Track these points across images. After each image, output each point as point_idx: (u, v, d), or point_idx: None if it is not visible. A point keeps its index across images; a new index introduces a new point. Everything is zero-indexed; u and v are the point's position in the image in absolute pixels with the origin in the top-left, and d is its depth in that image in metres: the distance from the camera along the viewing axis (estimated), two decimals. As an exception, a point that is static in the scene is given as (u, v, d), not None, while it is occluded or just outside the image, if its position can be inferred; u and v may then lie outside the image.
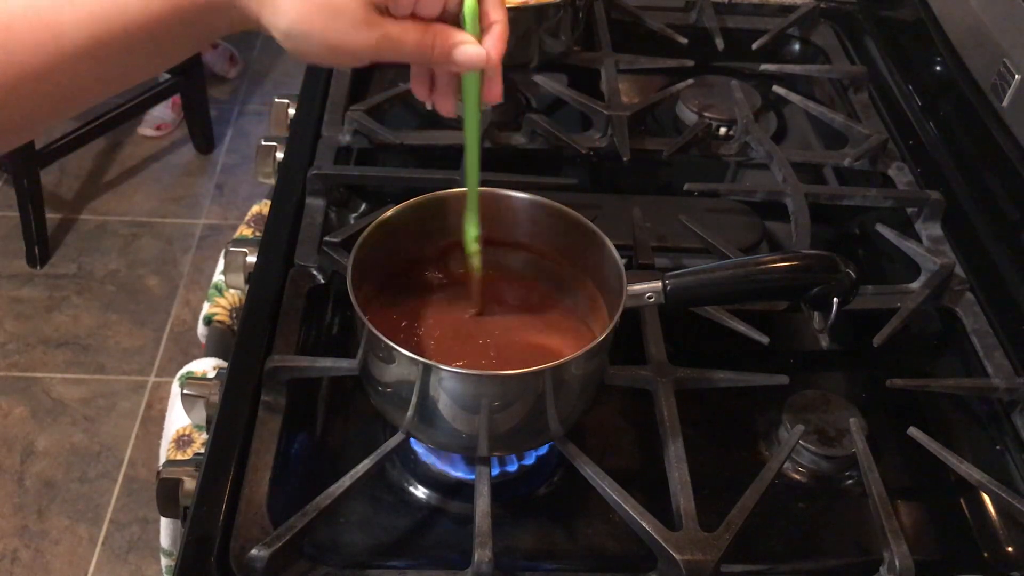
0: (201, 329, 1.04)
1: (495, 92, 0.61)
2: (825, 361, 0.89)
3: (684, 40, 1.22)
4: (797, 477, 0.78)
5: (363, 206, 1.00)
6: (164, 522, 0.97)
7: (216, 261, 1.05)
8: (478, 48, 0.57)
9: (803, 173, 1.01)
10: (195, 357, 0.97)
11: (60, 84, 0.50)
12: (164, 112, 2.64)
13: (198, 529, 0.68)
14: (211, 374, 0.89)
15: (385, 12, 0.55)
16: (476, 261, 0.73)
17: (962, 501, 0.77)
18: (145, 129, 2.65)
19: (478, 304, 0.75)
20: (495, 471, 0.73)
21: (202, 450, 0.75)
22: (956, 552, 0.75)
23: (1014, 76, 0.97)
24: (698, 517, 0.68)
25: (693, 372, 0.79)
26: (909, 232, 0.98)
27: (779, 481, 0.75)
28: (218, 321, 1.02)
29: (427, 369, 0.64)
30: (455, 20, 0.59)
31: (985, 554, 0.74)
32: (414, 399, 0.67)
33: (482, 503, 0.68)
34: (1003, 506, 0.73)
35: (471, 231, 0.71)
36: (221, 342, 1.00)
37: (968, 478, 0.73)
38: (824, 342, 0.85)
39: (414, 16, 0.57)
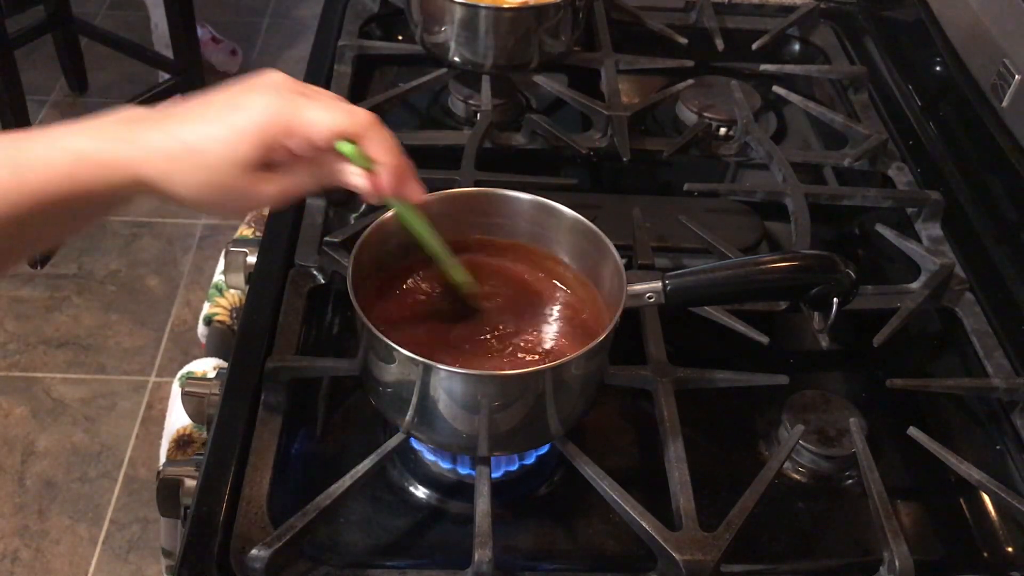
0: (201, 329, 1.04)
1: (414, 196, 0.62)
2: (825, 361, 0.89)
3: (684, 40, 1.22)
4: (797, 477, 0.78)
5: (363, 206, 1.00)
6: (164, 522, 0.97)
7: (216, 261, 1.05)
8: (361, 180, 0.59)
9: (803, 173, 1.01)
10: (195, 357, 0.96)
11: None
12: None
13: (198, 529, 0.68)
14: (211, 374, 0.89)
15: (271, 165, 0.56)
16: (478, 301, 0.74)
17: (962, 501, 0.77)
18: None
19: (478, 304, 0.75)
20: (495, 471, 0.73)
21: (202, 450, 0.75)
22: (956, 552, 0.75)
23: (1014, 76, 0.97)
24: (698, 517, 0.68)
25: (693, 372, 0.79)
26: (909, 232, 0.98)
27: (779, 481, 0.75)
28: (218, 321, 1.02)
29: (427, 369, 0.64)
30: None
31: (985, 554, 0.74)
32: (414, 399, 0.67)
33: (482, 503, 0.68)
34: (1003, 506, 0.74)
35: (459, 277, 0.72)
36: (221, 342, 1.00)
37: (968, 478, 0.73)
38: (824, 342, 0.85)
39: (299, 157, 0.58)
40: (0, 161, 0.52)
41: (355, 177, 0.58)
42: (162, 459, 0.90)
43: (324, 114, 0.55)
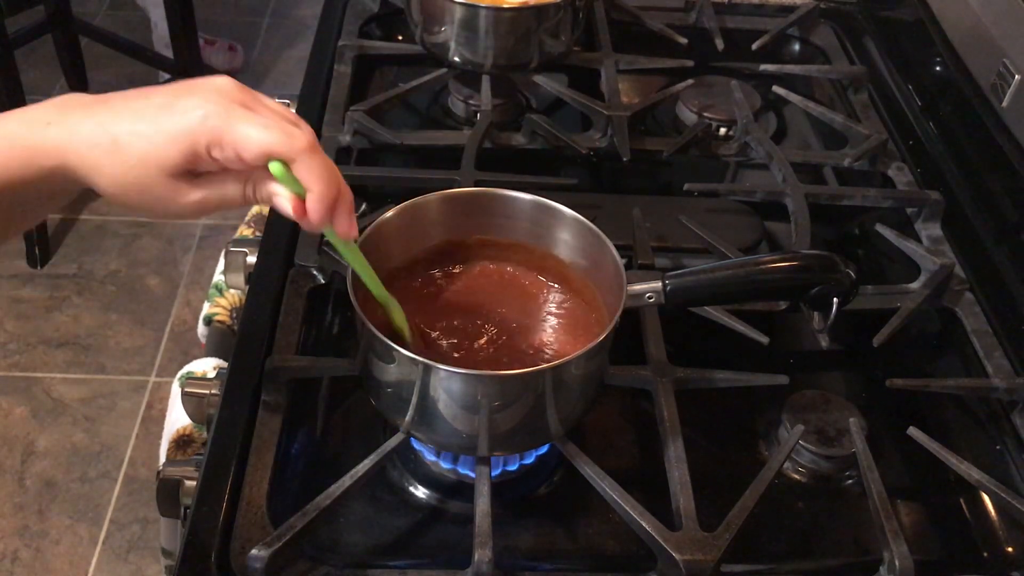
0: (201, 329, 1.04)
1: (342, 230, 0.59)
2: (825, 361, 0.89)
3: (684, 40, 1.22)
4: (797, 477, 0.78)
5: (363, 206, 1.00)
6: (164, 522, 0.97)
7: (216, 261, 1.05)
8: (287, 204, 0.56)
9: (803, 173, 1.01)
10: (195, 357, 0.97)
11: None
12: None
13: (198, 529, 0.68)
14: (211, 374, 0.89)
15: (197, 173, 0.55)
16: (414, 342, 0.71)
17: (962, 501, 0.77)
18: None
19: (478, 304, 0.75)
20: (495, 471, 0.73)
21: (202, 450, 0.75)
22: (956, 552, 0.75)
23: (1014, 76, 0.97)
24: (698, 517, 0.68)
25: (693, 372, 0.79)
26: (909, 232, 0.98)
27: (779, 481, 0.75)
28: (218, 321, 1.02)
29: (427, 369, 0.64)
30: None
31: (985, 554, 0.74)
32: (414, 399, 0.67)
33: (482, 503, 0.68)
34: (1003, 506, 0.74)
35: (396, 320, 0.69)
36: (221, 342, 1.00)
37: (968, 478, 0.73)
38: (824, 342, 0.85)
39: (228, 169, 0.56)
40: None
41: (282, 200, 0.56)
42: (162, 459, 0.90)
43: (258, 131, 0.53)
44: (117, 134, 0.53)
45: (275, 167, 0.54)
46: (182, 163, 0.53)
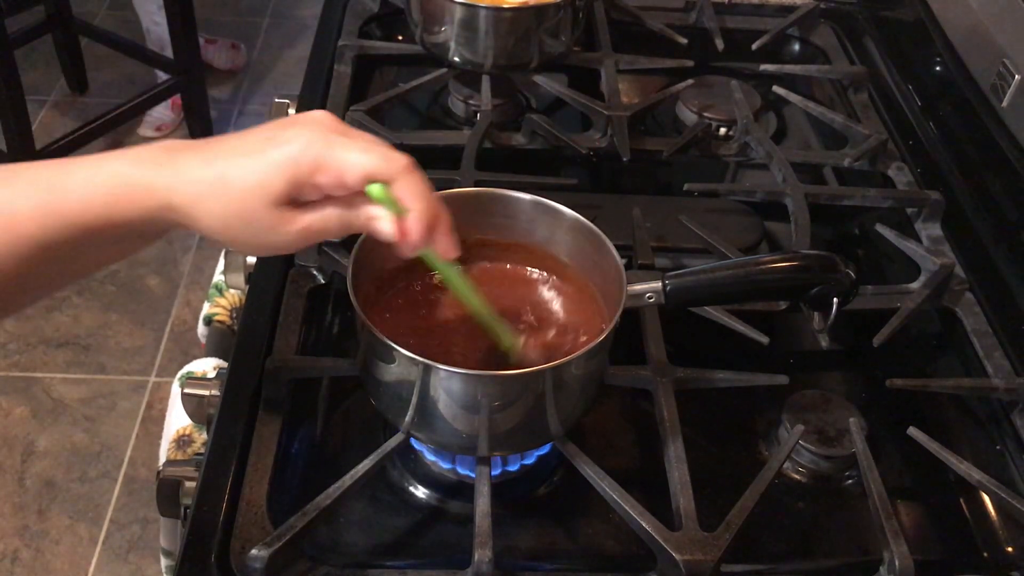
0: (201, 329, 1.04)
1: (442, 250, 0.60)
2: (825, 361, 0.89)
3: (684, 40, 1.22)
4: (797, 477, 0.78)
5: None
6: (164, 522, 0.97)
7: (216, 261, 1.05)
8: (388, 226, 0.57)
9: (803, 173, 1.01)
10: (195, 357, 0.97)
11: (17, 273, 0.54)
12: (164, 113, 2.63)
13: (198, 529, 0.68)
14: (211, 374, 0.89)
15: (300, 203, 0.56)
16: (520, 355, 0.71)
17: (962, 501, 0.77)
18: (146, 130, 2.64)
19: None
20: (495, 471, 0.73)
21: (202, 450, 0.75)
22: (956, 552, 0.75)
23: (1014, 76, 0.97)
24: (698, 517, 0.68)
25: (693, 372, 0.79)
26: (909, 232, 0.98)
27: (779, 481, 0.75)
28: (218, 321, 1.02)
29: (427, 369, 0.64)
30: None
31: (985, 554, 0.74)
32: (414, 399, 0.67)
33: (482, 503, 0.68)
34: (1003, 506, 0.74)
35: (504, 340, 0.70)
36: (221, 342, 1.00)
37: (968, 478, 0.73)
38: (824, 342, 0.85)
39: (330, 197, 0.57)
40: (43, 185, 0.54)
41: (384, 222, 0.57)
42: (162, 459, 0.90)
43: (359, 155, 0.54)
44: (224, 169, 0.54)
45: (375, 188, 0.55)
46: (286, 191, 0.54)
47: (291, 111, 1.08)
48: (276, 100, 1.10)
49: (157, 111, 2.62)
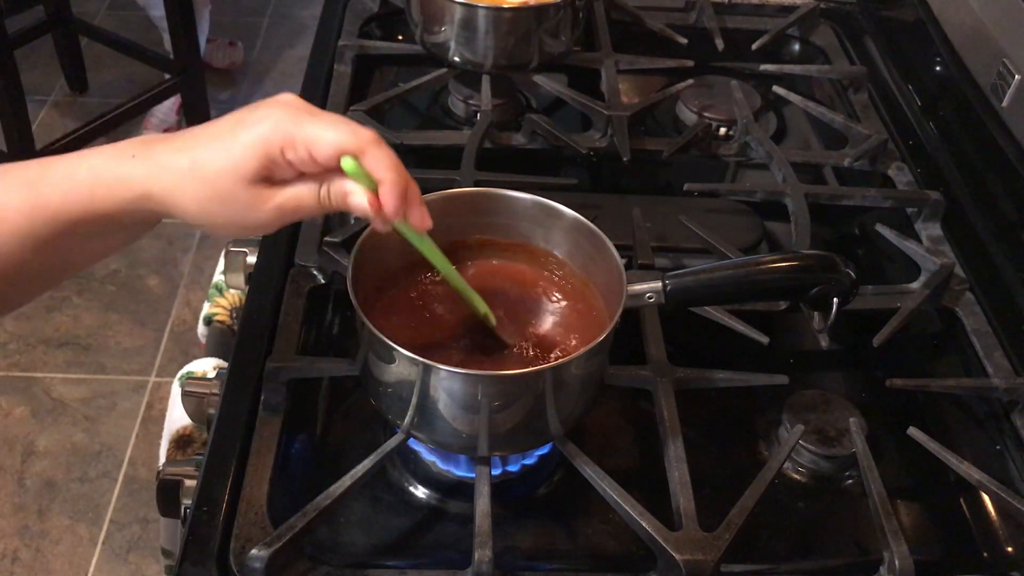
0: (201, 329, 1.04)
1: (415, 221, 0.61)
2: (825, 361, 0.89)
3: (684, 40, 1.22)
4: (797, 477, 0.78)
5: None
6: (164, 522, 0.97)
7: (216, 261, 1.05)
8: (362, 199, 0.58)
9: (803, 173, 1.01)
10: (195, 357, 0.97)
11: (8, 268, 0.57)
12: (168, 115, 2.63)
13: (198, 529, 0.68)
14: (211, 374, 0.89)
15: (274, 181, 0.58)
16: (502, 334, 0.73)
17: (962, 501, 0.77)
18: (150, 131, 2.64)
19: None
20: (495, 471, 0.73)
21: (202, 450, 0.75)
22: (956, 552, 0.75)
23: (1014, 76, 0.97)
24: (698, 517, 0.68)
25: (693, 372, 0.79)
26: (909, 232, 0.98)
27: (779, 481, 0.75)
28: (218, 321, 1.02)
29: (427, 369, 0.64)
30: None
31: (985, 554, 0.74)
32: (414, 399, 0.67)
33: (482, 503, 0.68)
34: (1003, 506, 0.74)
35: (480, 309, 0.71)
36: (221, 342, 1.00)
37: (968, 478, 0.73)
38: (824, 342, 0.85)
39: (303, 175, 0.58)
40: (28, 181, 0.56)
41: (357, 196, 0.58)
42: (162, 459, 0.90)
43: (327, 130, 0.56)
44: (197, 155, 0.56)
45: (347, 162, 0.56)
46: (259, 169, 0.56)
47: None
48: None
49: (161, 113, 2.61)
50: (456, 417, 0.67)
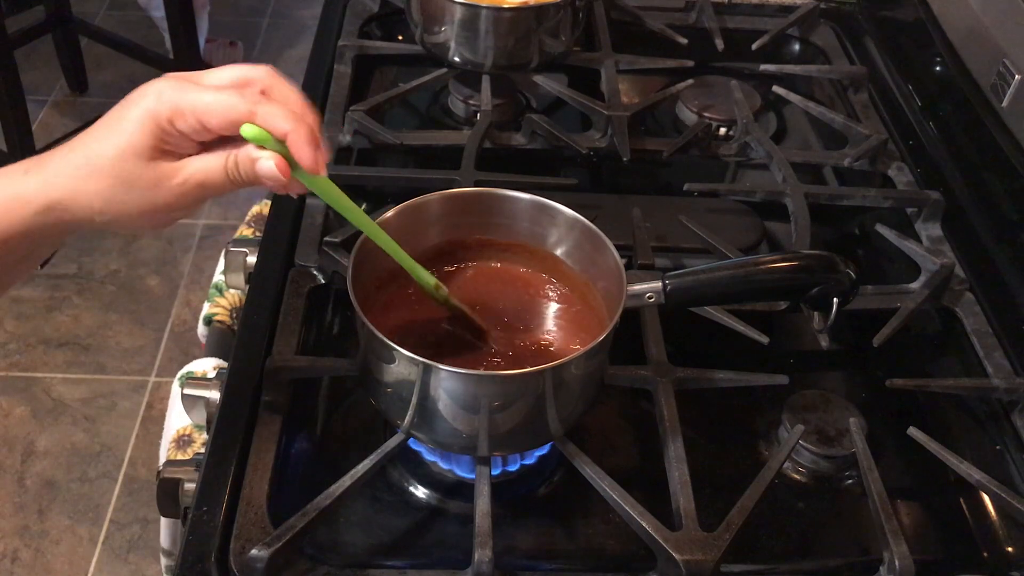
0: (201, 329, 1.04)
1: (305, 162, 0.56)
2: (825, 361, 0.89)
3: (684, 40, 1.22)
4: (797, 477, 0.78)
5: (363, 206, 1.00)
6: (164, 522, 0.97)
7: (216, 261, 1.05)
8: (269, 162, 0.55)
9: (803, 173, 1.01)
10: (195, 357, 0.96)
11: None
12: None
13: (198, 529, 0.68)
14: (211, 374, 0.89)
15: (180, 155, 0.56)
16: (452, 303, 0.72)
17: (962, 501, 0.77)
18: None
19: (478, 304, 0.75)
20: (495, 471, 0.73)
21: (202, 450, 0.75)
22: (956, 552, 0.75)
23: (1014, 76, 0.97)
24: (698, 517, 0.68)
25: (693, 372, 0.79)
26: (909, 232, 0.98)
27: (779, 481, 0.75)
28: (218, 321, 1.02)
29: (427, 369, 0.64)
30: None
31: (985, 554, 0.74)
32: (414, 399, 0.67)
33: (482, 503, 0.68)
34: (1003, 506, 0.74)
35: (427, 281, 0.70)
36: (221, 342, 1.00)
37: (968, 478, 0.73)
38: (824, 342, 0.85)
39: (205, 147, 0.56)
40: None
41: (264, 162, 0.55)
42: (162, 459, 0.90)
43: (212, 95, 0.54)
44: (88, 149, 0.55)
45: (247, 129, 0.54)
46: (153, 142, 0.54)
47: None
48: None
49: None
50: (456, 417, 0.67)
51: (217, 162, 0.56)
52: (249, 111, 0.54)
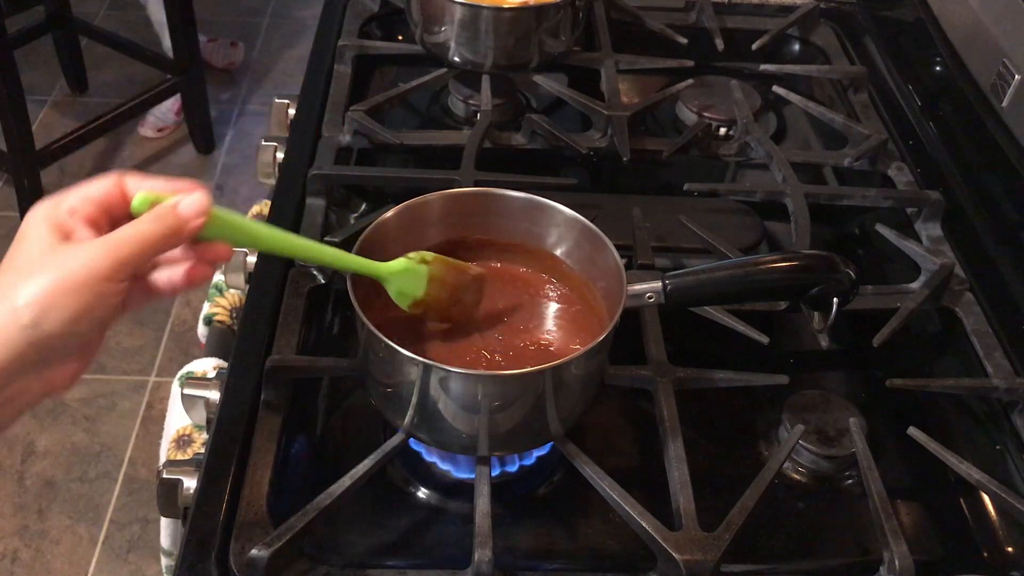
0: (201, 329, 1.04)
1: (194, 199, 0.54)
2: (825, 361, 0.89)
3: (684, 40, 1.22)
4: (797, 477, 0.78)
5: (363, 206, 1.00)
6: (164, 522, 0.97)
7: (216, 261, 1.04)
8: (188, 199, 0.53)
9: (803, 173, 1.01)
10: (195, 357, 0.96)
11: None
12: (167, 115, 2.63)
13: (198, 529, 0.68)
14: (211, 374, 0.89)
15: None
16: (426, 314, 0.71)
17: (962, 501, 0.77)
18: (147, 131, 2.65)
19: (478, 304, 0.75)
20: (495, 471, 0.73)
21: (202, 450, 0.75)
22: (956, 552, 0.75)
23: (1014, 76, 0.97)
24: (698, 517, 0.68)
25: (693, 372, 0.79)
26: (909, 232, 0.98)
27: (779, 481, 0.75)
28: (218, 321, 1.02)
29: (427, 369, 0.64)
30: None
31: (985, 554, 0.74)
32: (414, 399, 0.67)
33: (482, 503, 0.68)
34: (1003, 506, 0.73)
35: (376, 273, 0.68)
36: (221, 342, 1.00)
37: (968, 478, 0.73)
38: (824, 342, 0.85)
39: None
40: None
41: (185, 200, 0.53)
42: (162, 459, 0.90)
43: (82, 187, 0.54)
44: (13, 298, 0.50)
45: (137, 199, 0.53)
46: (47, 229, 0.52)
47: (291, 111, 1.09)
48: (276, 100, 1.10)
49: (160, 113, 2.62)
50: (456, 417, 0.67)
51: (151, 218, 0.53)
52: (119, 174, 0.54)
